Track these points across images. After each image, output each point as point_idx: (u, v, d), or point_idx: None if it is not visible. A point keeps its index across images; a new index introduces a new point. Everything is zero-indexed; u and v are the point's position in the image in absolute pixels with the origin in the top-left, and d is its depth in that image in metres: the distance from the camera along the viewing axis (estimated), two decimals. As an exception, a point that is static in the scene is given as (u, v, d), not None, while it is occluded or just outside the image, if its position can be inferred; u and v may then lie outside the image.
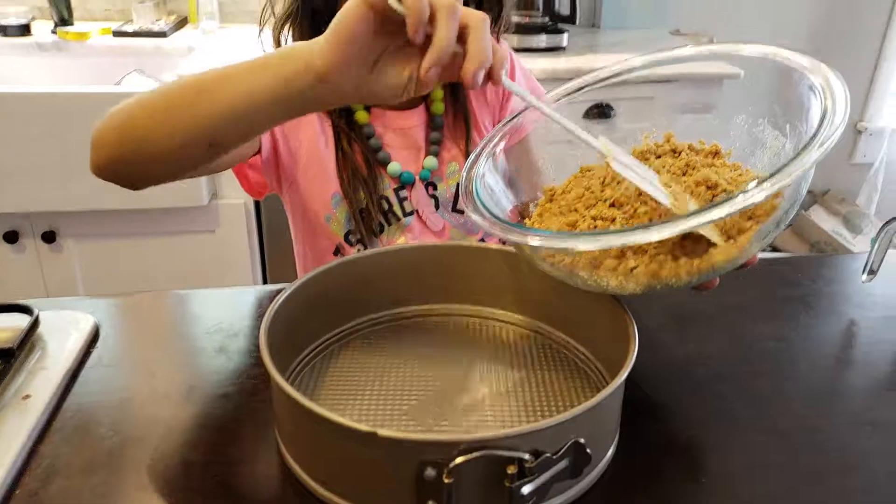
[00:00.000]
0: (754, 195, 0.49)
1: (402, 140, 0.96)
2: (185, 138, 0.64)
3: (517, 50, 1.91)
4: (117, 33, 1.87)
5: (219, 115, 0.62)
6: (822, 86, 0.58)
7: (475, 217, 0.60)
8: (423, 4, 0.53)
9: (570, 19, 2.07)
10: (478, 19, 0.55)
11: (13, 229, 1.65)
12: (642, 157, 0.68)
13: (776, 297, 0.86)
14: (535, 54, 1.92)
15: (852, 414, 0.66)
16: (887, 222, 0.82)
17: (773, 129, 0.66)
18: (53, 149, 1.54)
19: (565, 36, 1.98)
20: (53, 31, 1.87)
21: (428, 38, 0.54)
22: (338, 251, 0.97)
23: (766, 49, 0.66)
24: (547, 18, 2.02)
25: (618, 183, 0.64)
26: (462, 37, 0.55)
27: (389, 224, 0.95)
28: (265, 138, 0.89)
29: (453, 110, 0.98)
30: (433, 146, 0.97)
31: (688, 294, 0.79)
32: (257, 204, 1.75)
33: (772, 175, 0.50)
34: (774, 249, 2.71)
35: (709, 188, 0.60)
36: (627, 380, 0.54)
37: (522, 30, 1.96)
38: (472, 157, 0.70)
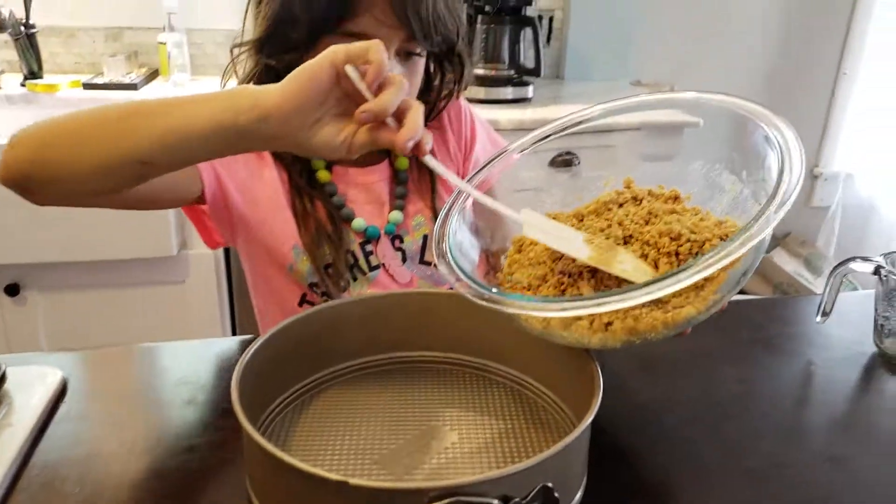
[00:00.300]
0: (721, 260, 0.51)
1: (365, 195, 0.97)
2: (121, 152, 0.65)
3: (484, 101, 1.96)
4: (87, 86, 1.88)
5: (156, 136, 0.63)
6: (777, 137, 0.60)
7: (451, 280, 0.61)
8: (382, 75, 0.59)
9: (535, 72, 2.12)
10: (417, 103, 0.62)
11: (-24, 283, 1.62)
12: (605, 207, 0.70)
13: (738, 339, 0.88)
14: (501, 105, 1.97)
15: (815, 451, 0.68)
16: (837, 266, 0.85)
17: (730, 175, 0.68)
18: (18, 201, 1.52)
19: (531, 88, 2.03)
20: (23, 84, 1.87)
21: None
22: (303, 301, 0.96)
23: (722, 98, 0.68)
24: (513, 71, 2.08)
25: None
26: (399, 114, 0.61)
27: (355, 279, 0.96)
28: (209, 182, 0.88)
29: (418, 165, 0.99)
30: (398, 200, 0.98)
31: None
32: (227, 253, 1.75)
33: (735, 237, 0.52)
34: (741, 292, 2.75)
35: (672, 239, 0.62)
36: (595, 424, 0.55)
37: (489, 82, 2.01)
38: (442, 212, 0.71)
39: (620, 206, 0.70)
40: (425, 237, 0.97)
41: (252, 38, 0.87)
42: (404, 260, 0.98)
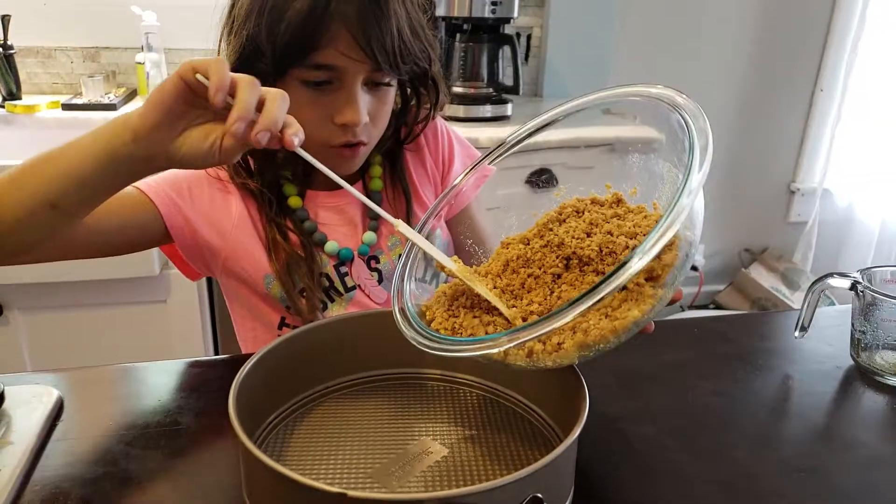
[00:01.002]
0: (637, 264, 0.51)
1: (338, 217, 0.98)
2: (30, 200, 0.69)
3: (463, 120, 1.99)
4: (66, 106, 1.89)
5: (58, 176, 0.68)
6: (684, 117, 0.61)
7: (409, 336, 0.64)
8: (224, 75, 0.62)
9: (514, 90, 2.16)
10: (274, 93, 0.64)
11: (-40, 303, 1.62)
12: (546, 228, 0.70)
13: (715, 354, 0.91)
14: (481, 124, 2.00)
15: (789, 463, 0.70)
16: (815, 282, 0.88)
17: (664, 162, 0.69)
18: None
19: (510, 105, 2.07)
20: (1, 105, 1.88)
21: (230, 110, 0.62)
22: (282, 324, 0.98)
23: (650, 90, 0.69)
24: (491, 89, 2.11)
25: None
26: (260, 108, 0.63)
27: (332, 300, 0.97)
28: (173, 221, 0.89)
29: (392, 184, 1.01)
30: (372, 221, 0.99)
31: (630, 355, 0.83)
32: (208, 275, 1.76)
33: (648, 237, 0.52)
34: (718, 307, 2.80)
35: (609, 254, 0.64)
36: (580, 437, 0.58)
37: (468, 100, 2.04)
38: (399, 265, 0.72)
39: (563, 221, 0.71)
40: (401, 257, 0.98)
41: None
42: (381, 280, 0.99)
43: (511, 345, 0.55)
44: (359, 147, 0.89)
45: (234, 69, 0.85)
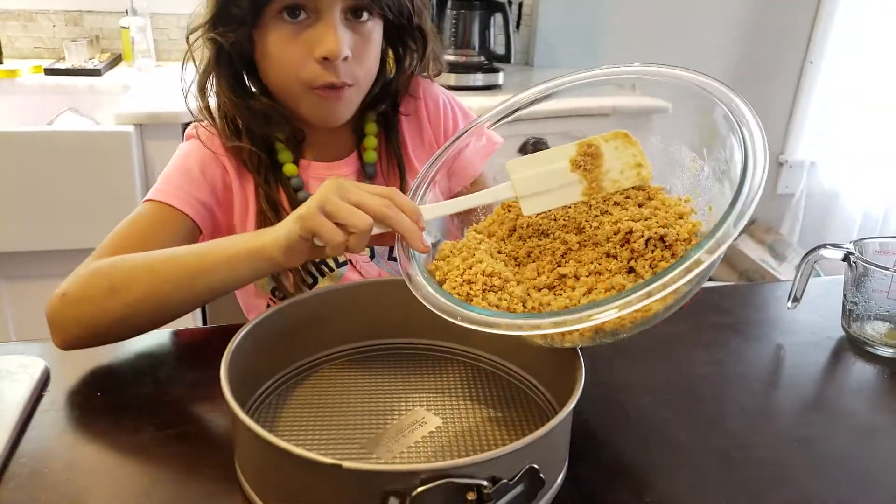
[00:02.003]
0: (684, 277, 0.52)
1: None
2: (166, 317, 0.76)
3: (454, 88, 1.97)
4: (49, 71, 1.85)
5: (199, 299, 0.75)
6: (739, 122, 0.61)
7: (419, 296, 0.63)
8: (336, 244, 0.66)
9: (506, 58, 2.13)
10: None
11: (-57, 272, 1.60)
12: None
13: (709, 325, 0.91)
14: (472, 92, 1.98)
15: (783, 432, 0.71)
16: (808, 252, 0.87)
17: (689, 151, 0.69)
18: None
19: (501, 74, 2.04)
20: (-19, 70, 1.84)
21: None
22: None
23: (681, 74, 0.69)
24: (483, 58, 2.09)
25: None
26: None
27: (322, 275, 0.95)
28: (205, 219, 0.90)
29: (387, 157, 0.98)
30: None
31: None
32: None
33: (707, 237, 0.54)
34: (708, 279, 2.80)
35: (625, 241, 0.64)
36: (576, 408, 0.57)
37: (459, 69, 2.01)
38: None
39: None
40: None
41: (202, 22, 0.86)
42: (372, 256, 0.98)
43: (555, 330, 0.55)
44: (343, 89, 0.86)
45: (213, 20, 0.84)
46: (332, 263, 0.95)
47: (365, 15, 0.85)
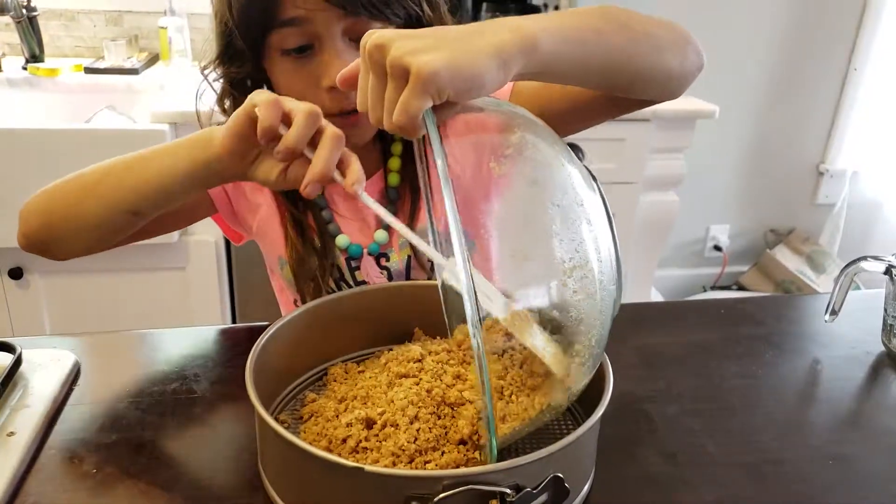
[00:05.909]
0: None
1: (354, 211, 0.93)
2: (111, 207, 0.74)
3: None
4: (89, 70, 1.88)
5: (140, 186, 0.73)
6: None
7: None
8: (269, 115, 0.61)
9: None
10: (329, 135, 0.62)
11: (-20, 266, 1.63)
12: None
13: (743, 336, 0.89)
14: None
15: (816, 448, 0.69)
16: (848, 265, 0.85)
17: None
18: (22, 185, 1.51)
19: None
20: (24, 68, 1.87)
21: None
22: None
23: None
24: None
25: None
26: (342, 162, 0.63)
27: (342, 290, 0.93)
28: (218, 199, 0.91)
29: (412, 179, 0.92)
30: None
31: (654, 335, 0.82)
32: (227, 241, 1.75)
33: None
34: (741, 289, 2.76)
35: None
36: (602, 416, 0.56)
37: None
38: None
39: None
40: (409, 257, 0.93)
41: (211, 59, 0.85)
42: (390, 278, 0.94)
43: None
44: (356, 115, 0.80)
45: (220, 53, 0.84)
46: (350, 281, 0.93)
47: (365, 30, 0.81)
